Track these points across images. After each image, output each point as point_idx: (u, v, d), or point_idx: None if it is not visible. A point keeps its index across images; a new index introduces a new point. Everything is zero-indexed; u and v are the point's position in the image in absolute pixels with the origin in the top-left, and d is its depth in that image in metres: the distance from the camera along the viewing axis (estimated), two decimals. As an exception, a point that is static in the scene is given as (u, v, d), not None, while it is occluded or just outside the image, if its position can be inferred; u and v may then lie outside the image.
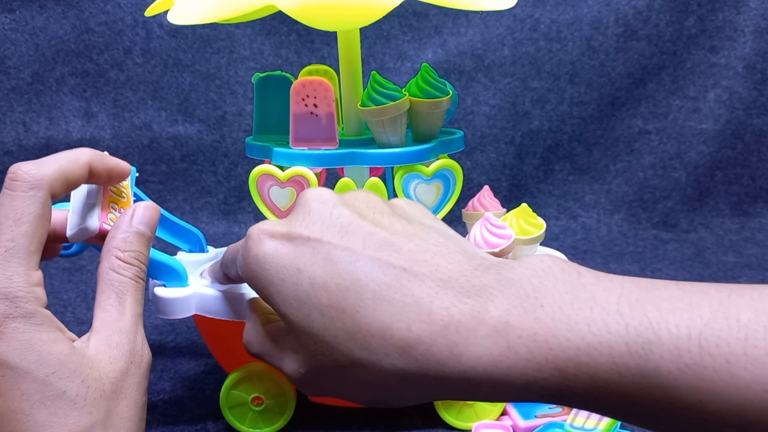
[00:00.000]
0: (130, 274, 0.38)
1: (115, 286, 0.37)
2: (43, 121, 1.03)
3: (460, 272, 0.29)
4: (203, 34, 1.02)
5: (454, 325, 0.28)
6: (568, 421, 0.49)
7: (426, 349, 0.28)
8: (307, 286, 0.31)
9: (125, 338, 0.36)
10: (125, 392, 0.35)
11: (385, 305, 0.29)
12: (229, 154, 1.04)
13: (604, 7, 1.03)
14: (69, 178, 0.37)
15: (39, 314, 0.33)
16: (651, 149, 1.05)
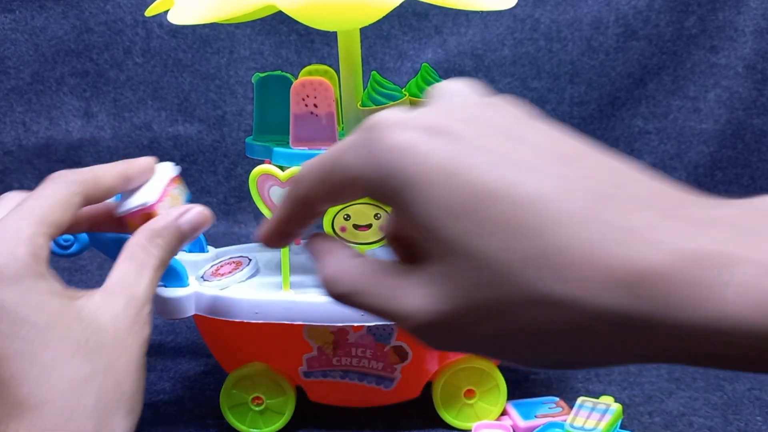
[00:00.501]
0: (157, 254, 0.38)
1: (138, 259, 0.37)
2: (43, 121, 1.03)
3: (680, 201, 0.22)
4: (203, 34, 1.02)
5: (701, 257, 0.20)
6: (568, 421, 0.49)
7: (663, 284, 0.20)
8: (468, 194, 0.22)
9: (133, 304, 0.36)
10: (127, 348, 0.35)
11: (593, 226, 0.21)
12: (229, 154, 1.04)
13: (604, 7, 1.03)
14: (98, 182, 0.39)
15: (39, 269, 0.34)
16: (651, 149, 1.05)
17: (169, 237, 0.39)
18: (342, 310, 0.47)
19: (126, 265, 0.37)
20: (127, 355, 0.35)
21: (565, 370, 0.60)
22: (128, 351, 0.35)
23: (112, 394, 0.33)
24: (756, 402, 0.56)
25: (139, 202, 0.41)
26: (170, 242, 0.39)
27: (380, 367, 0.51)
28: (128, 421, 0.34)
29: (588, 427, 0.48)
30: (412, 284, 0.24)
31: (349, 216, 0.47)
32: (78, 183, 0.38)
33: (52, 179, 0.37)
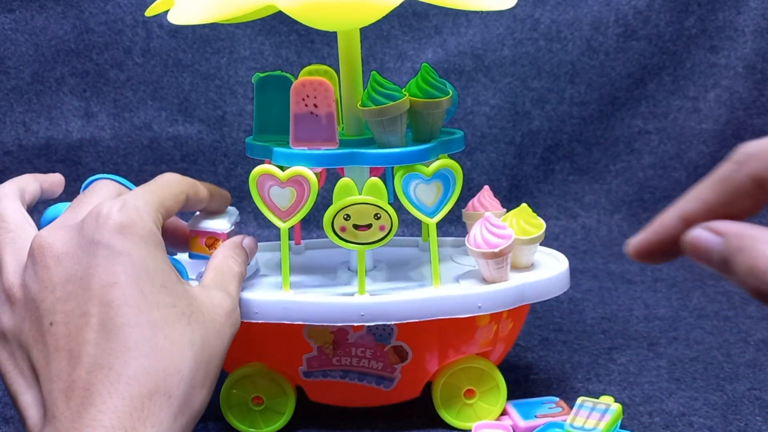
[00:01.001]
0: (239, 269, 0.46)
1: (226, 271, 0.44)
2: (43, 121, 1.03)
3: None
4: (203, 34, 1.02)
5: None
6: (568, 421, 0.49)
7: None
8: None
9: (228, 298, 0.42)
10: (220, 334, 0.39)
11: None
12: (229, 154, 1.04)
13: (604, 7, 1.02)
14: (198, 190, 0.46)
15: (160, 238, 0.39)
16: (651, 149, 1.05)
17: (242, 253, 0.47)
18: (342, 310, 0.47)
19: (215, 272, 0.44)
20: (220, 339, 0.39)
21: (564, 371, 0.60)
22: (220, 336, 0.39)
23: (203, 366, 0.37)
24: (756, 402, 0.56)
25: (215, 228, 0.50)
26: (244, 258, 0.47)
27: (380, 367, 0.51)
28: (206, 396, 0.38)
29: (588, 427, 0.48)
30: None
31: (349, 216, 0.47)
32: (188, 184, 0.44)
33: (164, 175, 0.43)
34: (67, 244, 0.37)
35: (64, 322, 0.35)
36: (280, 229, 0.49)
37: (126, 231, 0.36)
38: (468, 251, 0.50)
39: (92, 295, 0.35)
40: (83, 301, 0.35)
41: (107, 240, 0.36)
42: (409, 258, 0.59)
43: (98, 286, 0.35)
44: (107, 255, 0.35)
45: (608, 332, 0.69)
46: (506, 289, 0.49)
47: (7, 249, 0.39)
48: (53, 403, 0.34)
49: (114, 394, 0.33)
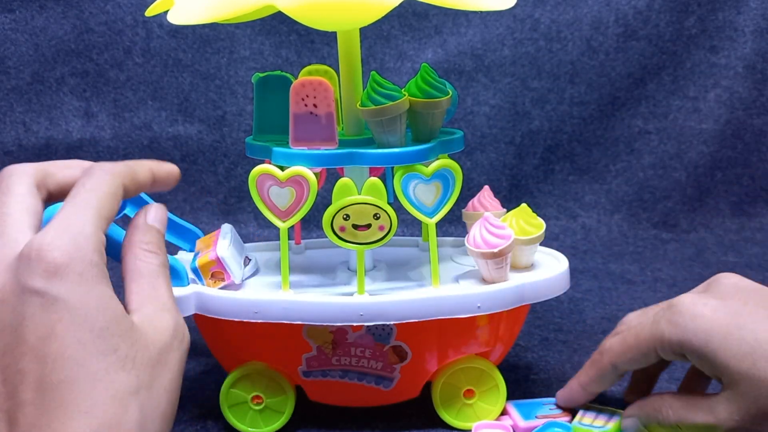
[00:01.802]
0: (157, 261, 0.39)
1: (145, 274, 0.38)
2: (43, 121, 1.03)
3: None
4: (203, 34, 1.02)
5: None
6: (577, 419, 0.49)
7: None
8: (751, 340, 0.41)
9: (168, 314, 0.37)
10: (168, 365, 0.36)
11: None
12: (229, 154, 1.04)
13: (604, 7, 1.03)
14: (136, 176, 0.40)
15: (101, 267, 0.34)
16: (651, 149, 1.05)
17: (154, 239, 0.40)
18: (341, 309, 0.47)
19: (136, 285, 0.38)
20: (169, 373, 0.35)
21: (564, 371, 0.60)
22: (169, 368, 0.36)
23: (152, 411, 0.34)
24: (756, 402, 0.56)
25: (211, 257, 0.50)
26: (156, 239, 0.40)
27: (379, 366, 0.51)
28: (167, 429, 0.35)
29: (597, 425, 0.48)
30: (720, 404, 0.42)
31: (349, 216, 0.47)
32: (120, 175, 0.38)
33: (94, 171, 0.38)
34: (3, 288, 0.33)
35: (2, 378, 0.32)
36: (279, 229, 0.49)
37: (62, 272, 0.32)
38: (467, 251, 0.50)
39: (27, 350, 0.32)
40: (18, 355, 0.32)
41: (40, 286, 0.32)
42: (408, 258, 0.59)
43: (33, 338, 0.32)
44: (41, 303, 0.32)
45: (608, 332, 0.69)
46: (506, 290, 0.49)
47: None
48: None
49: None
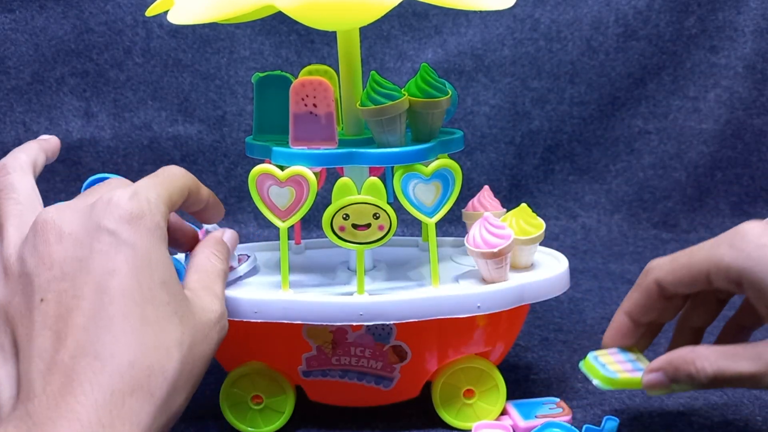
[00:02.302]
0: (221, 266, 0.44)
1: (209, 270, 0.43)
2: (43, 121, 1.03)
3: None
4: (203, 34, 1.02)
5: None
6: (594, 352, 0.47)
7: None
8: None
9: (217, 302, 0.41)
10: (208, 340, 0.38)
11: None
12: (229, 154, 1.04)
13: (604, 7, 1.02)
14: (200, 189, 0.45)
15: (165, 234, 0.38)
16: (651, 149, 1.05)
17: (224, 249, 0.46)
18: (341, 309, 0.47)
19: (199, 273, 0.42)
20: (207, 344, 0.38)
21: (564, 371, 0.60)
22: (208, 342, 0.38)
23: (188, 369, 0.36)
24: (756, 402, 0.56)
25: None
26: (226, 254, 0.46)
27: (379, 366, 0.51)
28: (186, 399, 0.37)
29: (611, 368, 0.44)
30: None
31: (348, 216, 0.47)
32: (191, 179, 0.43)
33: (170, 167, 0.42)
34: (72, 224, 0.36)
35: (56, 300, 0.34)
36: (279, 229, 0.49)
37: (134, 221, 0.36)
38: (467, 251, 0.50)
39: (89, 280, 0.34)
40: (79, 283, 0.34)
41: (114, 227, 0.35)
42: (408, 258, 0.59)
43: (97, 271, 0.34)
44: (111, 242, 0.35)
45: (608, 332, 0.69)
46: (506, 289, 0.49)
47: (13, 221, 0.39)
48: (30, 384, 0.33)
49: (96, 386, 0.32)
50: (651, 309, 0.44)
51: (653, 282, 0.43)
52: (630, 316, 0.45)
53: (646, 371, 0.41)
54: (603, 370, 0.44)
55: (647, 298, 0.44)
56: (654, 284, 0.43)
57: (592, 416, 0.54)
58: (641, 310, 0.44)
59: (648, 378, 0.41)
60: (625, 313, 0.45)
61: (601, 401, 0.56)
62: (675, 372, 0.40)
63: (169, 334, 0.35)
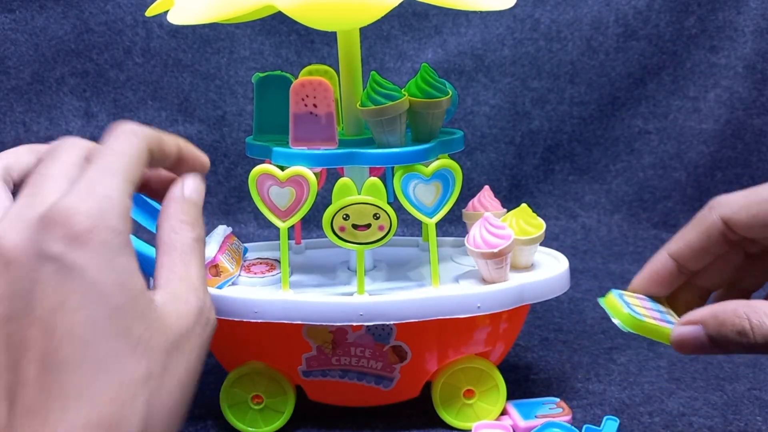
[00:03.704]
0: (192, 235, 0.35)
1: (178, 248, 0.35)
2: (43, 121, 1.03)
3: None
4: (203, 34, 1.02)
5: None
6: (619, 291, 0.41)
7: None
8: None
9: (194, 295, 0.33)
10: (185, 352, 0.32)
11: None
12: (229, 154, 1.04)
13: (604, 7, 1.02)
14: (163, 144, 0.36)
15: (126, 236, 0.31)
16: (651, 149, 1.05)
17: (192, 211, 0.36)
18: (341, 309, 0.47)
19: (168, 259, 0.34)
20: (185, 362, 0.32)
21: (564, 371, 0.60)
22: (186, 357, 0.32)
23: (161, 405, 0.31)
24: (756, 402, 0.56)
25: (206, 255, 0.49)
26: (195, 215, 0.36)
27: (379, 366, 0.51)
28: (177, 425, 0.32)
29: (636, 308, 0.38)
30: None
31: (348, 216, 0.47)
32: (146, 138, 0.35)
33: (119, 131, 0.34)
34: (18, 248, 0.30)
35: (5, 348, 0.29)
36: (279, 229, 0.49)
37: (83, 239, 0.29)
38: (467, 251, 0.50)
39: (35, 319, 0.29)
40: (25, 324, 0.29)
41: (59, 251, 0.29)
42: (408, 258, 0.59)
43: (42, 308, 0.29)
44: (56, 270, 0.29)
45: (608, 332, 0.69)
46: (506, 290, 0.49)
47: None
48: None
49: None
50: (706, 253, 0.35)
51: (719, 219, 0.35)
52: (677, 258, 0.37)
53: (681, 322, 0.33)
54: (627, 308, 0.37)
55: (706, 238, 0.35)
56: (719, 222, 0.35)
57: (592, 416, 0.54)
58: (694, 253, 0.36)
59: (681, 331, 0.33)
60: (671, 255, 0.37)
61: (601, 401, 0.56)
62: (719, 327, 0.31)
63: (131, 373, 0.29)
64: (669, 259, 0.37)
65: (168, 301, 0.33)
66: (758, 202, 0.34)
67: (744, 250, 0.36)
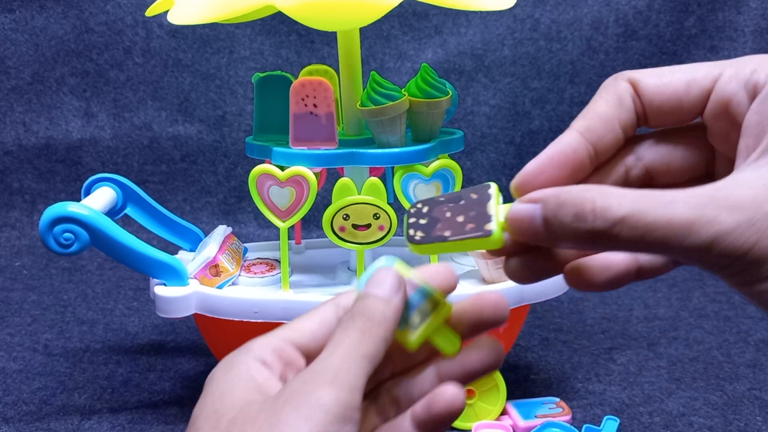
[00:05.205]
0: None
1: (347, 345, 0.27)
2: (43, 121, 1.03)
3: None
4: (203, 34, 1.02)
5: None
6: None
7: None
8: None
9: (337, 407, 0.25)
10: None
11: None
12: (229, 154, 1.04)
13: (604, 7, 1.02)
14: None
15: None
16: (651, 149, 1.05)
17: (386, 325, 0.27)
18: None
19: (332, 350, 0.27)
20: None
21: (564, 371, 0.60)
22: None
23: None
24: (756, 402, 0.56)
25: (203, 260, 0.50)
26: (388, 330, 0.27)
27: (380, 366, 0.51)
28: None
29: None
30: (743, 178, 0.23)
31: (348, 216, 0.47)
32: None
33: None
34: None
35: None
36: (279, 229, 0.49)
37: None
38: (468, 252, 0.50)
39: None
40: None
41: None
42: (409, 258, 0.59)
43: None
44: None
45: (608, 332, 0.69)
46: (506, 290, 0.49)
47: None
48: None
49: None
50: (617, 126, 0.28)
51: (627, 83, 0.28)
52: (587, 133, 0.29)
53: (521, 199, 0.26)
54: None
55: (617, 104, 0.28)
56: (628, 86, 0.28)
57: (592, 416, 0.54)
58: (605, 124, 0.29)
59: (517, 208, 0.26)
60: (578, 129, 0.29)
61: (601, 401, 0.56)
62: (558, 208, 0.25)
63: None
64: (577, 135, 0.29)
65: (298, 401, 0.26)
66: (669, 70, 0.28)
67: (627, 170, 0.29)
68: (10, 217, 1.01)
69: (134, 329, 0.71)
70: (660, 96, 0.28)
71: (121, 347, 0.67)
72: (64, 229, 0.46)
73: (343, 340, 0.26)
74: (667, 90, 0.28)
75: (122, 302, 0.79)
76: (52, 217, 0.46)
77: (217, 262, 0.50)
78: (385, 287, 0.28)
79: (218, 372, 0.28)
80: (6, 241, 0.99)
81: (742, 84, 0.26)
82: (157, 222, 0.59)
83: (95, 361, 0.64)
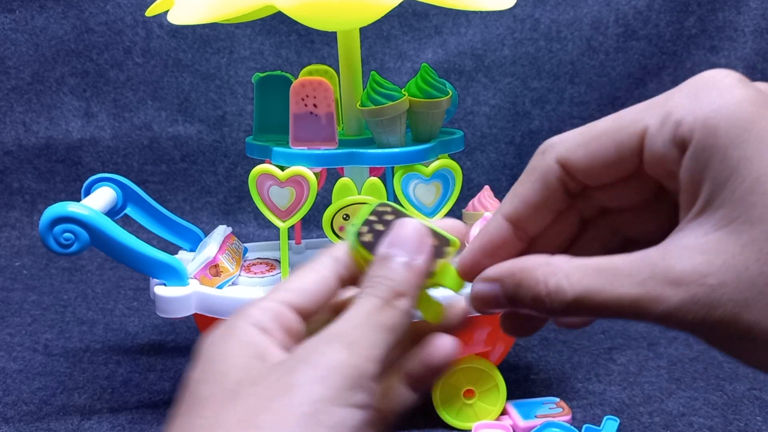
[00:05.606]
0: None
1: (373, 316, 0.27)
2: (43, 121, 1.03)
3: None
4: (203, 34, 1.02)
5: None
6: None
7: None
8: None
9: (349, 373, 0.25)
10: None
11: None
12: (229, 154, 1.04)
13: (604, 7, 1.02)
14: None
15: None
16: (651, 149, 1.05)
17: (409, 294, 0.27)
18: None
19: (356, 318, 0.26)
20: None
21: (564, 371, 0.60)
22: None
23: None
24: (756, 402, 0.56)
25: (203, 260, 0.50)
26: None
27: (380, 366, 0.51)
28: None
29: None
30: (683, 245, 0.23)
31: (348, 216, 0.47)
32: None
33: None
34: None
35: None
36: (279, 229, 0.49)
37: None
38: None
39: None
40: None
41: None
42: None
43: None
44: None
45: (608, 332, 0.69)
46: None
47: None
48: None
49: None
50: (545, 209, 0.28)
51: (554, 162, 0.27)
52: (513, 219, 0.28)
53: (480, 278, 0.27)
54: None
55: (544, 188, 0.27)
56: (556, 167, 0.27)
57: (592, 416, 0.54)
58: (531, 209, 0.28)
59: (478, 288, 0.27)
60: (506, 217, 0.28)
61: (601, 401, 0.56)
62: (516, 288, 0.26)
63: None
64: (504, 223, 0.29)
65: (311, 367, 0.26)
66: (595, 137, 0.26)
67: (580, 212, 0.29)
68: (10, 217, 1.01)
69: (134, 329, 0.71)
70: (592, 169, 0.27)
71: (121, 347, 0.67)
72: (64, 229, 0.46)
73: (360, 309, 0.26)
74: (598, 162, 0.27)
75: (122, 302, 0.79)
76: (52, 217, 0.46)
77: (217, 262, 0.50)
78: (407, 247, 0.27)
79: (216, 337, 0.27)
80: (6, 241, 0.99)
81: (669, 141, 0.24)
82: (157, 222, 0.59)
83: (95, 361, 0.64)
